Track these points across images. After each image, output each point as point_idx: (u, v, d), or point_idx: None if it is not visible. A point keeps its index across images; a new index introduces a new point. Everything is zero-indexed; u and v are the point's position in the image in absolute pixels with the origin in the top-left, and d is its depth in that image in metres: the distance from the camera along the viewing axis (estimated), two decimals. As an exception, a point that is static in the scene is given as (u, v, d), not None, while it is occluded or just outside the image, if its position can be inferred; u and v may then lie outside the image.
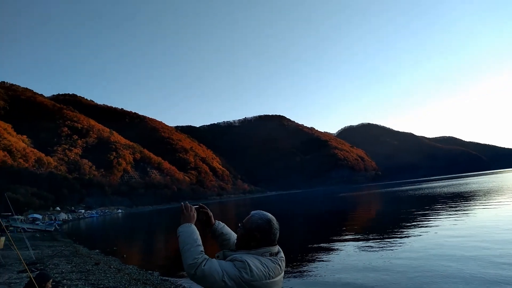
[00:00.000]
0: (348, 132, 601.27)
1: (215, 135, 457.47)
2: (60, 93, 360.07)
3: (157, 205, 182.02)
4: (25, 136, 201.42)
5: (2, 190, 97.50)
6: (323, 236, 21.85)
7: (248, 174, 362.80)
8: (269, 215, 2.09)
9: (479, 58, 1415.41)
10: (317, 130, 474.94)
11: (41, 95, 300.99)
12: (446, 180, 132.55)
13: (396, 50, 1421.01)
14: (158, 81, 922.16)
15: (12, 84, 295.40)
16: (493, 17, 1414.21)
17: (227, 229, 2.39)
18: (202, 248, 1.97)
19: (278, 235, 2.06)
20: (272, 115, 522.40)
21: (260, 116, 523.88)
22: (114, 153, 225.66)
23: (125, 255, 20.61)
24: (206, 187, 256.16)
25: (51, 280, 5.59)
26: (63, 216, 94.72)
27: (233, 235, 2.34)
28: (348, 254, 14.90)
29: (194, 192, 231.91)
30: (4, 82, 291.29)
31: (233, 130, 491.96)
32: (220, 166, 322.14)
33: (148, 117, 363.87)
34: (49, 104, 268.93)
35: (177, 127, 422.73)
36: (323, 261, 14.15)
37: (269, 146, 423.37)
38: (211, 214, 2.36)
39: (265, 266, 1.90)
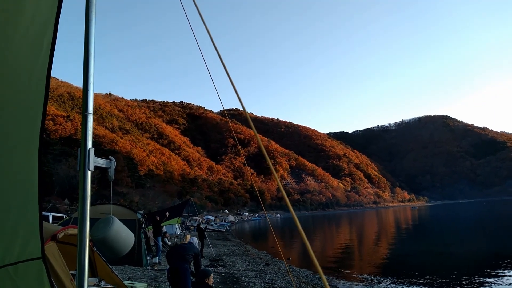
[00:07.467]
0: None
1: (369, 140, 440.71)
2: (226, 108, 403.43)
3: (312, 211, 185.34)
4: (199, 147, 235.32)
5: (185, 194, 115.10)
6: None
7: (408, 181, 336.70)
8: None
9: None
10: (491, 130, 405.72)
11: (211, 111, 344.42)
12: None
13: None
14: (309, 88, 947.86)
15: (188, 103, 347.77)
16: None
17: None
18: None
19: None
20: (434, 116, 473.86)
21: (419, 118, 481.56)
22: (272, 160, 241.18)
23: (290, 258, 21.71)
24: (362, 194, 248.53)
25: (212, 275, 6.56)
26: (231, 218, 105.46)
27: None
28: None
29: (349, 199, 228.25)
30: (182, 102, 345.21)
31: (389, 134, 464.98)
32: (376, 173, 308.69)
33: (302, 125, 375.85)
34: (217, 118, 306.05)
35: (329, 134, 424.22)
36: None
37: (431, 150, 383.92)
38: None
39: None
